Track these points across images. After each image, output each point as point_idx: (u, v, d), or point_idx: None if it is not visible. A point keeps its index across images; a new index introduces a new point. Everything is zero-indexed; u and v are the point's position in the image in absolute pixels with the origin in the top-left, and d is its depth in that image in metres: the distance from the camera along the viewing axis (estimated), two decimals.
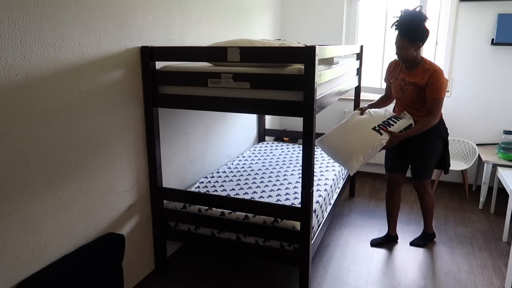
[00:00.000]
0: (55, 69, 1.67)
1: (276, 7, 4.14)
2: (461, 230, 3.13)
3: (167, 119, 2.47)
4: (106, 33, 1.92)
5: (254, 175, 2.90)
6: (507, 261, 2.58)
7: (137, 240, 2.29)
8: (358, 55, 3.45)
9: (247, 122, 3.74)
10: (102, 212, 2.02)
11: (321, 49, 1.98)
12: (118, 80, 2.03)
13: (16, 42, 1.50)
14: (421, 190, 2.76)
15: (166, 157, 2.50)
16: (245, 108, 2.08)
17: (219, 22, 2.98)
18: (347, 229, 3.14)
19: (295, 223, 2.12)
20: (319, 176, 2.90)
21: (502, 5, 3.56)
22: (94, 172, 1.94)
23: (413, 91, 2.53)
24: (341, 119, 4.31)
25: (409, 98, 2.58)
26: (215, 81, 2.04)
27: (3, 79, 1.47)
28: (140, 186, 2.27)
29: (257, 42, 2.09)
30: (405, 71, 2.60)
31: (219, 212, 2.28)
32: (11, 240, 1.57)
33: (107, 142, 2.00)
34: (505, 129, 3.75)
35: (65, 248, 1.82)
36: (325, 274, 2.54)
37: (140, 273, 2.37)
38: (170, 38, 2.40)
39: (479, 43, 3.71)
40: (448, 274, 2.55)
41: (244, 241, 2.23)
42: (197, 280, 2.46)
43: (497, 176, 3.25)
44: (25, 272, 1.64)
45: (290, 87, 1.93)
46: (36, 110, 1.61)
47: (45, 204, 1.70)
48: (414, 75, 2.53)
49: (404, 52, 2.46)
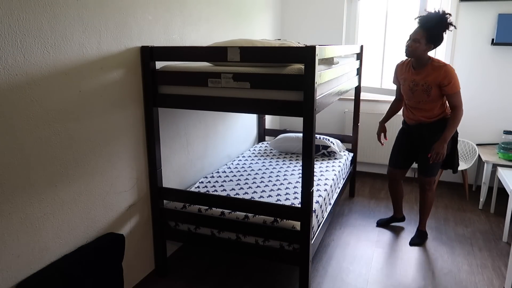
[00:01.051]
0: (55, 69, 1.67)
1: (276, 7, 4.14)
2: (461, 230, 3.13)
3: (167, 119, 2.47)
4: (106, 33, 1.92)
5: (254, 175, 2.90)
6: (507, 261, 2.58)
7: (137, 240, 2.29)
8: (358, 55, 3.46)
9: (247, 122, 3.74)
10: (102, 212, 2.02)
11: (321, 49, 1.98)
12: (118, 80, 2.03)
13: (16, 42, 1.50)
14: (426, 187, 2.80)
15: (166, 157, 2.50)
16: (245, 108, 2.08)
17: (219, 22, 2.98)
18: (347, 229, 3.14)
19: (295, 223, 2.12)
20: (319, 176, 2.90)
21: (502, 5, 3.56)
22: (94, 172, 1.94)
23: (423, 91, 2.55)
24: (341, 119, 4.32)
25: (419, 99, 2.60)
26: (215, 81, 2.04)
27: (3, 79, 1.47)
28: (140, 186, 2.27)
29: (257, 42, 2.09)
30: (413, 72, 2.61)
31: (219, 212, 2.28)
32: (11, 240, 1.57)
33: (107, 142, 2.00)
34: (505, 129, 3.75)
35: (65, 248, 1.82)
36: (325, 274, 2.54)
37: (140, 273, 2.37)
38: (170, 38, 2.40)
39: (479, 43, 3.70)
40: (448, 274, 2.55)
41: (244, 241, 2.23)
42: (197, 280, 2.46)
43: (497, 176, 3.25)
44: (25, 272, 1.64)
45: (290, 87, 1.93)
46: (36, 110, 1.61)
47: (45, 204, 1.70)
48: (423, 74, 2.54)
49: (416, 46, 2.46)
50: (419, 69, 2.57)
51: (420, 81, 2.55)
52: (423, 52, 2.50)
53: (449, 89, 2.49)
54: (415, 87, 2.58)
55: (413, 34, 2.48)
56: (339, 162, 3.28)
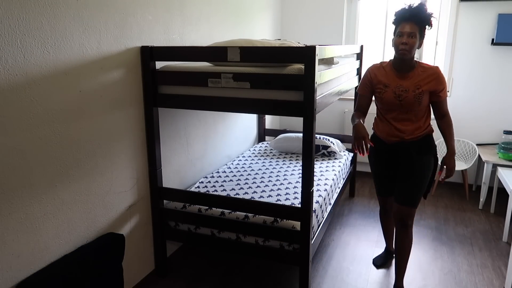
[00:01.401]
0: (55, 69, 1.67)
1: (276, 7, 4.14)
2: (461, 230, 3.13)
3: (167, 119, 2.47)
4: (106, 33, 1.92)
5: (254, 175, 2.90)
6: (507, 261, 2.58)
7: (137, 240, 2.29)
8: (358, 55, 3.46)
9: (247, 122, 3.74)
10: (102, 212, 2.02)
11: (321, 49, 1.98)
12: (118, 80, 2.03)
13: (16, 42, 1.50)
14: (407, 222, 2.21)
15: (166, 157, 2.49)
16: (245, 108, 2.08)
17: (219, 22, 2.98)
18: (347, 229, 3.14)
19: (295, 223, 2.12)
20: (319, 176, 2.90)
21: (502, 5, 3.56)
22: (94, 172, 1.94)
23: (414, 99, 2.11)
24: (341, 119, 4.32)
25: (408, 108, 2.15)
26: (215, 81, 2.04)
27: (3, 79, 1.47)
28: (140, 186, 2.27)
29: (257, 42, 2.09)
30: (396, 76, 2.17)
31: (219, 212, 2.28)
32: (11, 240, 1.57)
33: (107, 142, 2.00)
34: (505, 129, 3.75)
35: (65, 248, 1.82)
36: (325, 274, 2.54)
37: (140, 273, 2.37)
38: (170, 38, 2.40)
39: (479, 43, 3.71)
40: (448, 274, 2.54)
41: (244, 241, 2.23)
42: (197, 280, 2.46)
43: (497, 176, 3.25)
44: (25, 272, 1.64)
45: (290, 87, 1.93)
46: (36, 110, 1.61)
47: (45, 204, 1.70)
48: (412, 78, 2.13)
49: (413, 41, 2.04)
50: (405, 73, 2.15)
51: (410, 87, 2.11)
52: (416, 48, 2.10)
53: (443, 94, 2.15)
54: (403, 93, 2.12)
55: (408, 28, 2.03)
56: (339, 162, 3.28)
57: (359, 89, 2.34)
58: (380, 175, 2.39)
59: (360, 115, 2.30)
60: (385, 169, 2.34)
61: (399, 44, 2.08)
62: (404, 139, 2.19)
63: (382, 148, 2.30)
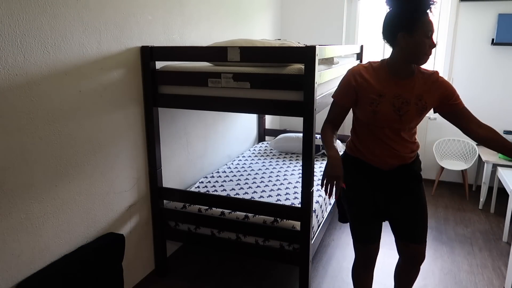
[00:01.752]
0: (55, 69, 1.67)
1: (276, 6, 4.13)
2: (461, 230, 3.13)
3: (167, 119, 2.47)
4: (106, 32, 1.92)
5: (254, 175, 2.90)
6: (507, 261, 2.58)
7: (137, 240, 2.29)
8: (358, 55, 3.46)
9: (247, 122, 3.74)
10: (102, 212, 2.02)
11: (321, 49, 1.98)
12: (118, 80, 2.03)
13: (16, 42, 1.50)
14: (420, 259, 1.79)
15: (166, 157, 2.49)
16: (245, 108, 2.08)
17: (219, 22, 2.98)
18: (347, 229, 3.14)
19: (295, 223, 2.12)
20: (319, 176, 2.90)
21: (502, 5, 3.56)
22: (94, 172, 1.94)
23: (416, 111, 1.60)
24: None
25: (408, 124, 1.62)
26: (215, 81, 2.04)
27: (3, 79, 1.47)
28: (140, 186, 2.27)
29: (257, 42, 2.09)
30: (393, 83, 1.61)
31: (219, 212, 2.28)
32: (11, 240, 1.57)
33: (107, 142, 2.00)
34: (505, 129, 3.75)
35: (65, 247, 1.82)
36: (325, 274, 2.54)
37: (140, 273, 2.37)
38: (170, 38, 2.40)
39: (479, 43, 3.70)
40: (448, 274, 2.55)
41: (244, 241, 2.23)
42: (197, 280, 2.46)
43: (497, 176, 3.25)
44: (25, 271, 1.64)
45: (290, 87, 1.93)
46: (36, 110, 1.61)
47: (45, 204, 1.70)
48: (411, 86, 1.60)
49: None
50: (404, 79, 1.61)
51: (411, 98, 1.59)
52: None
53: (460, 100, 1.62)
54: (404, 106, 1.58)
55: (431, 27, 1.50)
56: None
57: (337, 96, 1.71)
58: (365, 214, 1.76)
59: (333, 130, 1.72)
60: (372, 206, 1.74)
61: (429, 47, 1.52)
62: (406, 162, 1.69)
63: (373, 177, 1.71)
